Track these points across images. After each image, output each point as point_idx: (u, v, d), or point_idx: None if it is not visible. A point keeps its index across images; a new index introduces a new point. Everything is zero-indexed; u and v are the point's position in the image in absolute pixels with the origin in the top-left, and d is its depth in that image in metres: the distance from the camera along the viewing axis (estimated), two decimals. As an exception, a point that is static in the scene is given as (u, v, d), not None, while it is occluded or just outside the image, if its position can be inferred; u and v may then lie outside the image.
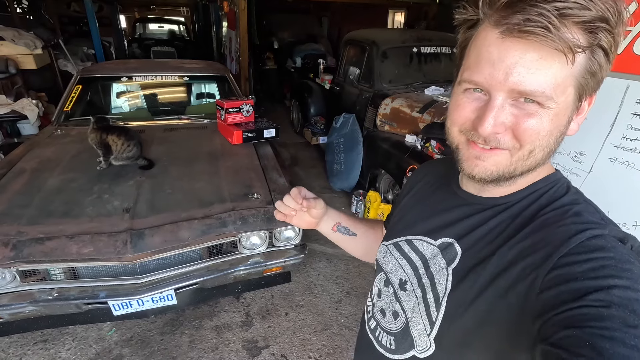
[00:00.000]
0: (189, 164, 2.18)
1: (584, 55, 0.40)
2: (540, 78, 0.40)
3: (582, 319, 0.36)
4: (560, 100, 0.41)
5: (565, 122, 0.44)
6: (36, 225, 1.59)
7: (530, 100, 0.41)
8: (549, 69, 0.39)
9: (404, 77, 3.45)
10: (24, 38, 4.34)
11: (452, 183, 0.59)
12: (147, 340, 1.97)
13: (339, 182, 3.58)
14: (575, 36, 0.38)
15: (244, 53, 5.58)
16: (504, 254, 0.47)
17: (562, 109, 0.42)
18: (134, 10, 14.40)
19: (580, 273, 0.39)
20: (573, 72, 0.40)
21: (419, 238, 0.60)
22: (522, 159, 0.45)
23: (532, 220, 0.47)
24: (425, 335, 0.54)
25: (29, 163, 2.09)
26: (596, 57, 0.40)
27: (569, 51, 0.38)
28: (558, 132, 0.44)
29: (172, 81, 3.12)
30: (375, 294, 0.67)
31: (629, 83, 1.08)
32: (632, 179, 1.09)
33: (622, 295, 0.36)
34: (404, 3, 6.20)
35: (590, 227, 0.43)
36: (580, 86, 0.42)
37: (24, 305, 1.55)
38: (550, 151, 0.46)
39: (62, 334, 1.96)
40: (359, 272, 2.58)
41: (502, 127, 0.43)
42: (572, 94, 0.42)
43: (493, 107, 0.43)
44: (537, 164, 0.47)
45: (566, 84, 0.41)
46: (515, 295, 0.44)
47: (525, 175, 0.48)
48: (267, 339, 2.02)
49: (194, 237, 1.65)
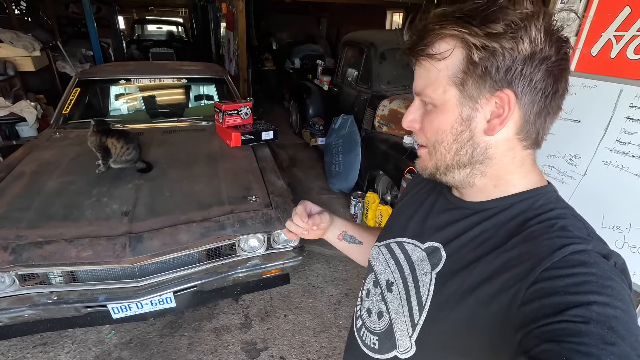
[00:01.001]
0: (188, 166, 2.18)
1: (457, 55, 0.45)
2: (422, 80, 0.50)
3: (561, 334, 0.36)
4: (437, 97, 0.48)
5: (455, 118, 0.48)
6: (35, 229, 1.59)
7: (427, 102, 0.50)
8: (427, 73, 0.49)
9: (402, 79, 3.46)
10: (22, 40, 4.34)
11: (444, 188, 0.60)
12: (147, 342, 1.97)
13: (338, 183, 3.59)
14: (436, 47, 0.46)
15: (242, 54, 5.59)
16: (490, 262, 0.48)
17: (447, 105, 0.48)
18: (132, 12, 14.38)
19: (562, 287, 0.39)
20: (444, 73, 0.47)
21: (409, 241, 0.61)
22: (432, 154, 0.53)
23: (519, 232, 0.48)
24: (407, 337, 0.55)
25: (28, 166, 2.10)
26: (473, 55, 0.44)
27: (433, 61, 0.47)
28: (453, 130, 0.49)
29: (170, 83, 3.13)
30: (364, 294, 0.69)
31: (622, 87, 1.09)
32: (626, 181, 1.10)
33: (601, 311, 0.37)
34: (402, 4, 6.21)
35: (575, 242, 0.43)
36: (460, 83, 0.46)
37: (23, 308, 1.56)
38: (457, 149, 0.50)
39: (61, 337, 1.97)
40: (357, 274, 2.59)
41: (415, 123, 0.53)
42: (451, 91, 0.47)
43: (411, 106, 0.54)
44: (455, 161, 0.51)
45: (440, 83, 0.48)
46: (498, 305, 0.44)
47: (456, 169, 0.52)
48: (266, 341, 2.03)
49: (193, 240, 1.66)
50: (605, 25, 1.12)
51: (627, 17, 1.07)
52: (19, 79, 4.22)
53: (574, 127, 1.23)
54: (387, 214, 2.83)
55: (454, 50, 0.45)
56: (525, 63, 0.43)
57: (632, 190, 1.09)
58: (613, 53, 1.11)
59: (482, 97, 0.46)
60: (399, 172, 2.70)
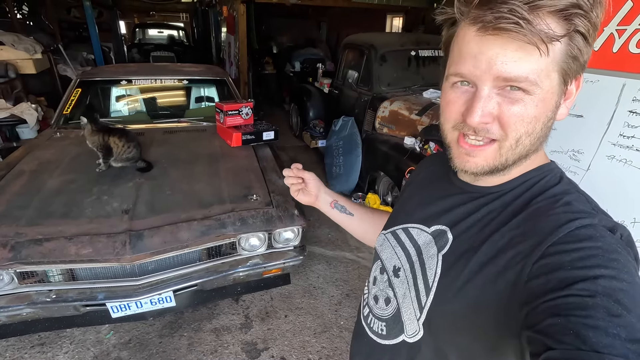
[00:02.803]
0: (189, 165, 2.18)
1: (564, 40, 0.41)
2: (523, 65, 0.41)
3: (568, 308, 0.36)
4: (544, 85, 0.42)
5: (552, 106, 0.45)
6: (35, 226, 1.58)
7: (516, 88, 0.42)
8: (530, 57, 0.40)
9: (402, 80, 3.47)
10: (23, 43, 4.36)
11: (450, 173, 0.60)
12: (146, 343, 1.95)
13: (339, 184, 3.58)
14: (550, 25, 0.39)
15: (243, 57, 5.62)
16: (495, 241, 0.47)
17: (547, 93, 0.43)
18: (133, 16, 14.47)
19: (568, 262, 0.39)
20: (554, 58, 0.41)
21: (415, 226, 0.61)
22: (510, 148, 0.46)
23: (524, 209, 0.48)
24: (415, 320, 0.55)
25: (28, 165, 2.09)
26: (575, 42, 0.41)
27: (541, 43, 0.39)
28: (545, 118, 0.45)
29: (171, 84, 3.13)
30: (371, 282, 0.69)
31: (625, 81, 1.09)
32: (630, 176, 1.09)
33: (608, 285, 0.36)
34: (402, 8, 6.25)
35: (580, 216, 0.43)
36: (564, 70, 0.43)
37: (22, 307, 1.54)
38: (539, 137, 0.46)
39: (59, 337, 1.95)
40: (358, 275, 2.57)
41: (490, 117, 0.44)
42: (556, 78, 0.43)
43: (480, 97, 0.44)
44: (528, 151, 0.47)
45: (549, 69, 0.42)
46: (504, 282, 0.44)
47: (519, 163, 0.49)
48: (267, 342, 2.00)
49: (193, 238, 1.65)
50: (607, 20, 1.12)
51: (629, 11, 1.07)
52: (20, 81, 4.23)
53: (577, 122, 1.23)
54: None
55: (572, 32, 0.40)
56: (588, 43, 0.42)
57: (636, 184, 1.08)
58: (615, 47, 1.11)
59: (571, 82, 0.45)
60: (400, 173, 2.69)
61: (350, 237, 3.01)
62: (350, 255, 2.79)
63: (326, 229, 3.11)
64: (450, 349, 0.52)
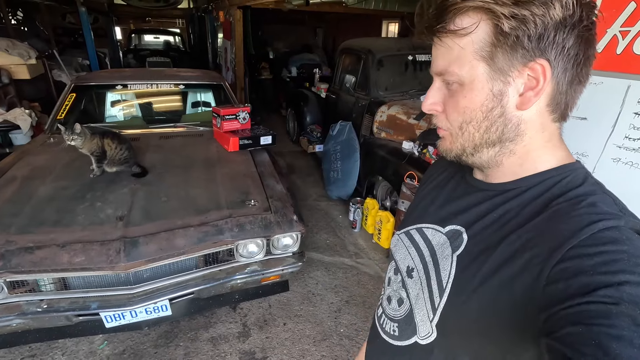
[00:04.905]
0: (185, 171, 2.14)
1: (482, 29, 0.42)
2: (444, 60, 0.46)
3: (590, 316, 0.34)
4: (464, 74, 0.45)
5: (486, 95, 0.45)
6: (26, 234, 1.53)
7: (452, 82, 0.47)
8: (449, 51, 0.45)
9: (399, 85, 3.46)
10: (17, 48, 4.31)
11: (465, 172, 0.59)
12: (141, 353, 1.90)
13: (336, 190, 3.55)
14: (461, 23, 0.43)
15: (239, 63, 5.61)
16: (512, 242, 0.45)
17: (476, 82, 0.45)
18: (129, 22, 14.46)
19: (590, 267, 0.37)
20: (470, 48, 0.44)
21: (429, 226, 0.60)
22: (458, 135, 0.49)
23: (544, 210, 0.45)
24: (428, 322, 0.54)
25: (20, 171, 2.04)
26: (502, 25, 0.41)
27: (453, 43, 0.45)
28: (483, 107, 0.46)
29: (167, 89, 3.10)
30: (385, 283, 0.68)
31: (630, 83, 1.07)
32: (636, 178, 1.07)
33: (633, 292, 0.34)
34: (397, 13, 6.28)
35: (605, 217, 0.40)
36: (490, 57, 0.43)
37: (12, 318, 1.49)
38: (487, 126, 0.47)
39: (51, 348, 1.89)
40: (357, 281, 2.53)
41: (438, 106, 0.50)
42: (480, 66, 0.44)
43: (431, 88, 0.50)
44: (486, 139, 0.48)
45: (466, 59, 0.44)
46: (520, 284, 0.42)
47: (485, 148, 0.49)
48: (265, 350, 1.96)
49: (190, 245, 1.61)
50: (610, 22, 1.11)
51: (632, 12, 1.06)
52: (13, 87, 4.18)
53: (581, 125, 1.21)
54: (386, 219, 2.80)
55: (479, 23, 0.42)
56: (557, 29, 0.41)
57: (642, 187, 1.07)
58: (619, 49, 1.10)
59: (514, 70, 0.44)
60: (398, 177, 2.67)
61: (349, 243, 2.98)
62: (349, 261, 2.75)
63: (324, 235, 3.07)
64: (463, 352, 0.50)
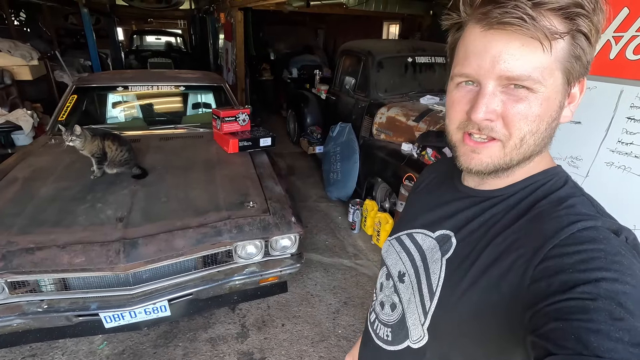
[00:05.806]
0: (185, 172, 2.16)
1: (567, 40, 0.41)
2: (526, 63, 0.41)
3: (569, 312, 0.36)
4: (548, 84, 0.42)
5: (556, 106, 0.44)
6: (27, 235, 1.55)
7: (520, 86, 0.42)
8: (533, 54, 0.41)
9: (399, 87, 3.47)
10: (20, 49, 4.34)
11: (454, 179, 0.60)
12: (140, 353, 1.91)
13: (336, 191, 3.57)
14: (553, 23, 0.39)
15: (240, 64, 5.63)
16: (498, 244, 0.47)
17: (551, 92, 0.43)
18: (131, 23, 14.51)
19: (570, 265, 0.39)
20: (557, 56, 0.41)
21: (419, 231, 0.61)
22: (515, 147, 0.45)
23: (527, 212, 0.47)
24: (420, 325, 0.55)
25: (21, 172, 2.06)
26: (578, 41, 0.41)
27: (545, 39, 0.39)
28: (549, 118, 0.45)
29: (168, 91, 3.12)
30: (377, 288, 0.69)
31: (622, 87, 1.08)
32: (629, 182, 1.08)
33: (610, 287, 0.36)
34: (398, 15, 6.29)
35: (583, 218, 0.42)
36: (567, 70, 0.43)
37: (12, 318, 1.51)
38: (543, 138, 0.46)
39: (51, 348, 1.91)
40: (356, 282, 2.55)
41: (494, 114, 0.44)
42: (559, 77, 0.43)
43: (484, 94, 0.44)
44: (532, 152, 0.47)
45: (552, 67, 0.42)
46: (507, 285, 0.44)
47: (523, 164, 0.48)
48: (263, 351, 1.97)
49: (189, 246, 1.63)
50: (603, 27, 1.12)
51: (625, 17, 1.07)
52: (15, 88, 4.22)
53: (575, 129, 1.22)
54: (385, 221, 2.81)
55: (570, 32, 0.40)
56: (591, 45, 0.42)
57: (635, 190, 1.08)
58: (612, 54, 1.11)
59: (575, 84, 0.45)
60: (398, 179, 2.68)
61: (348, 244, 2.99)
62: (348, 262, 2.76)
63: (323, 236, 3.08)
64: (455, 355, 0.51)
